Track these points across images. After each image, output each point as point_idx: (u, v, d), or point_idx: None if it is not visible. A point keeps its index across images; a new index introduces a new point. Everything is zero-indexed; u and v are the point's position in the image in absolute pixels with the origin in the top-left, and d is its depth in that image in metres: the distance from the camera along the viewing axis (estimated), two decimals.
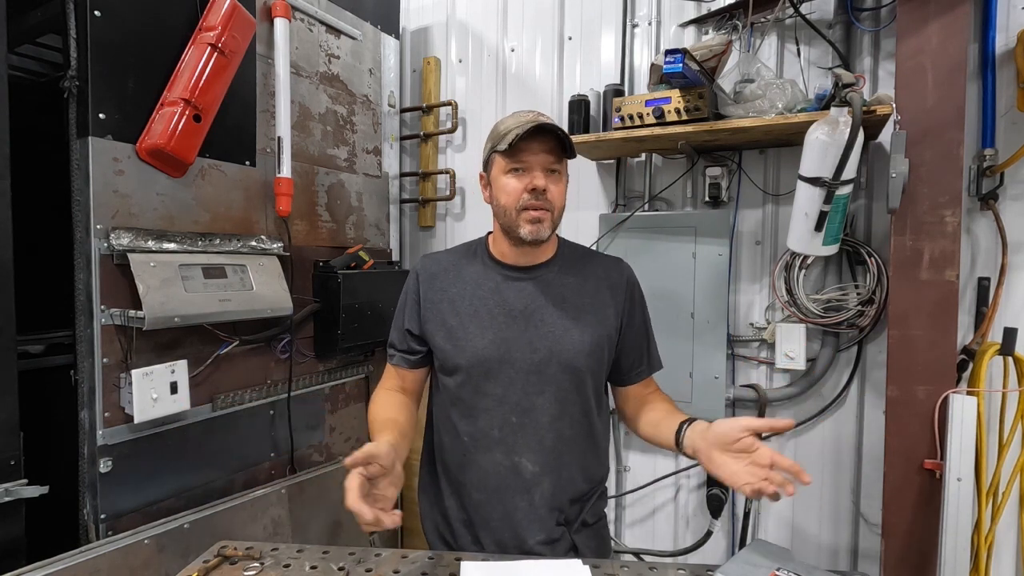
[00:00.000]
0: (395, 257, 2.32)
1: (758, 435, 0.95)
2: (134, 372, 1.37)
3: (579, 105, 2.01)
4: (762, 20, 1.86)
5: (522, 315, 1.15)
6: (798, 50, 1.86)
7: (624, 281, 1.23)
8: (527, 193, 1.09)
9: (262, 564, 1.06)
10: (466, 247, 1.29)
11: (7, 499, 1.25)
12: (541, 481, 1.14)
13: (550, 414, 1.14)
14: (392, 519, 0.86)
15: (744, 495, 0.92)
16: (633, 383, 1.25)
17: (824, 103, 1.56)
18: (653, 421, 1.18)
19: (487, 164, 1.18)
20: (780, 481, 0.88)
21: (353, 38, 2.08)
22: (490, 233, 1.26)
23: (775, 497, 0.89)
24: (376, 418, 1.15)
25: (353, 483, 0.86)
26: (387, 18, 2.26)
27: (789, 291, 1.83)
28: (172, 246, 1.48)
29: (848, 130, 1.41)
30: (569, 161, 1.16)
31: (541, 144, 1.09)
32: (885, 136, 1.73)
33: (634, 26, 2.11)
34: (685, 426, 1.07)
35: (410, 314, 1.23)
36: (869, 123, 1.54)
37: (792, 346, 1.85)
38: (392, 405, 1.20)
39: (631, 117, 1.80)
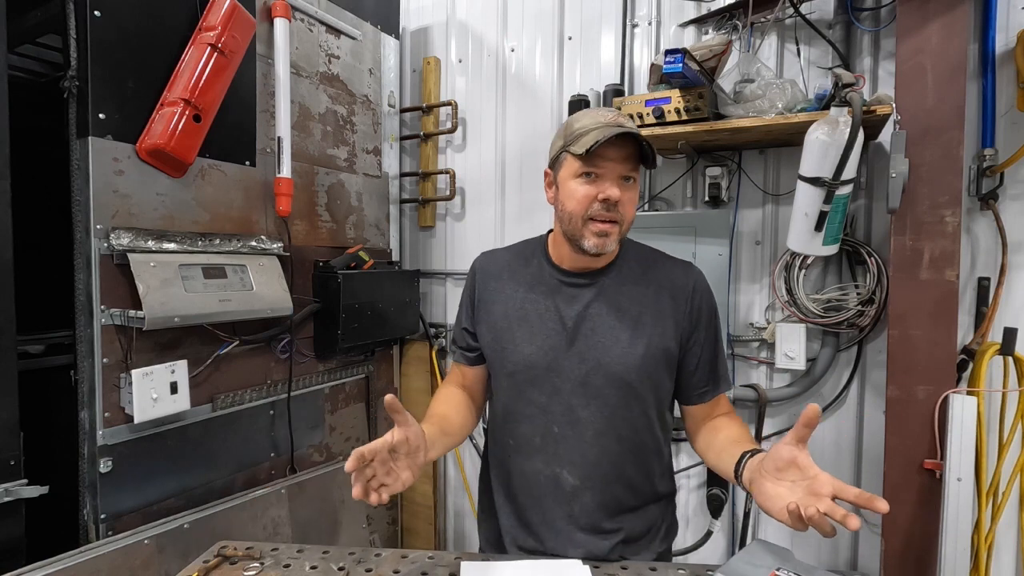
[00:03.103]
0: (395, 257, 2.32)
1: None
2: (134, 372, 1.38)
3: (579, 105, 2.00)
4: (762, 20, 1.86)
5: (574, 323, 1.08)
6: (798, 50, 1.86)
7: (690, 289, 1.11)
8: (598, 203, 1.00)
9: (262, 564, 1.06)
10: (525, 245, 1.22)
11: (7, 499, 1.25)
12: (582, 495, 1.09)
13: (595, 428, 1.07)
14: (377, 498, 0.84)
15: (783, 522, 0.77)
16: (695, 404, 1.13)
17: (824, 103, 1.56)
18: (716, 448, 1.06)
19: (555, 162, 1.08)
20: (840, 513, 0.74)
21: (353, 38, 2.08)
22: (551, 231, 1.18)
23: (828, 530, 0.73)
24: (430, 410, 1.14)
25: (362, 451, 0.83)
26: (387, 18, 2.26)
27: (789, 291, 1.83)
28: (172, 246, 1.48)
29: (848, 130, 1.41)
30: None
31: (619, 150, 0.99)
32: (885, 136, 1.73)
33: (634, 26, 2.11)
34: (746, 457, 0.93)
35: (467, 312, 1.21)
36: (869, 123, 1.54)
37: (792, 346, 1.85)
38: (447, 401, 1.18)
39: (631, 117, 1.80)
